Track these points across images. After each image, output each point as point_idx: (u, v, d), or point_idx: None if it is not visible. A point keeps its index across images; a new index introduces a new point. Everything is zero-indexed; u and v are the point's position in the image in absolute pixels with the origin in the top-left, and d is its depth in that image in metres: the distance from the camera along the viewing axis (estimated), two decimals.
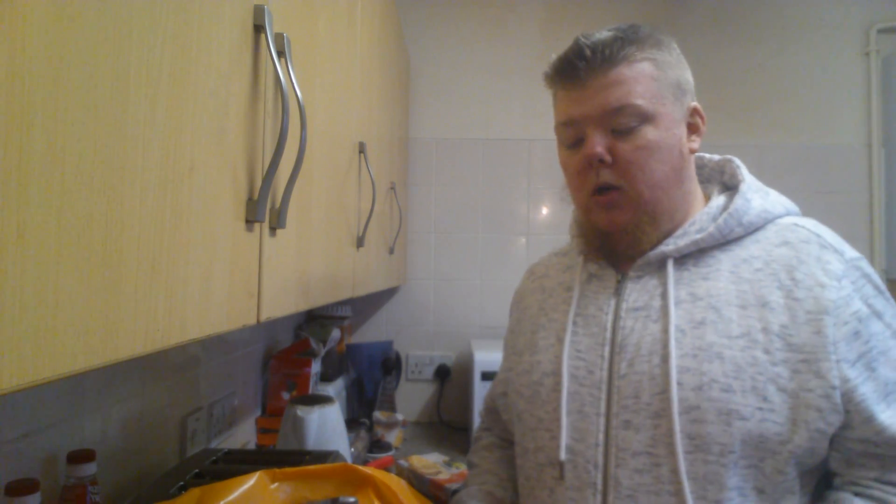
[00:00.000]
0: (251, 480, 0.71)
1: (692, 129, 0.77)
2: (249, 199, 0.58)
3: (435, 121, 2.22)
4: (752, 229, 0.76)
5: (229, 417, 1.42)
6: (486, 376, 1.76)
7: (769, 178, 2.18)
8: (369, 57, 1.25)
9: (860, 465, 0.70)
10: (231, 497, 0.68)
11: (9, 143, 0.28)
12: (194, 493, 0.69)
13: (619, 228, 0.76)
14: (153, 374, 1.08)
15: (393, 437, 1.79)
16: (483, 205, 2.21)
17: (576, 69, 0.73)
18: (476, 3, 2.23)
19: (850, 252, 0.73)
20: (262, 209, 0.59)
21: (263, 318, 0.62)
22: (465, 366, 2.12)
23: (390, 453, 1.70)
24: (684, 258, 0.76)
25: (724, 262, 0.74)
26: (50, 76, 0.30)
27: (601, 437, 0.73)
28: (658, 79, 0.73)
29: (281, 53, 0.61)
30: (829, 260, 0.71)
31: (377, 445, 1.72)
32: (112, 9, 0.36)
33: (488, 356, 1.78)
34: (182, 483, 0.85)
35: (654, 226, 0.76)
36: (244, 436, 1.53)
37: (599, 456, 0.73)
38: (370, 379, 1.99)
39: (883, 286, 0.73)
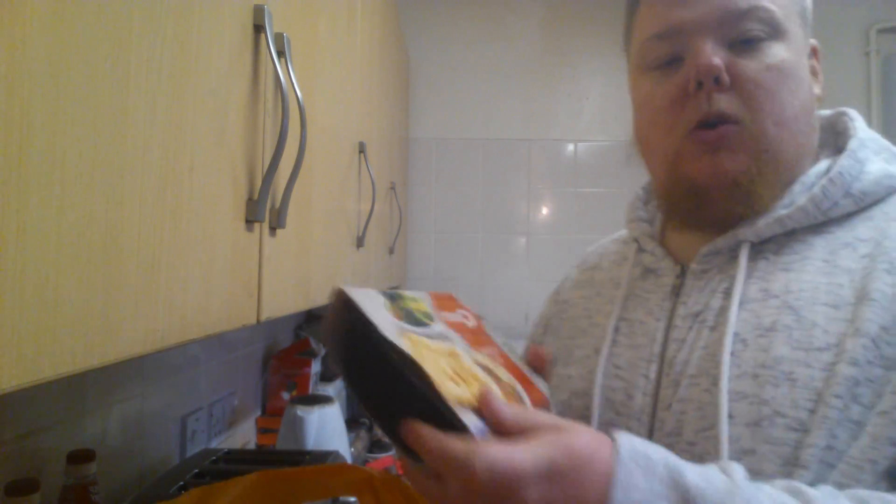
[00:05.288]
0: (251, 480, 0.71)
1: (813, 72, 0.60)
2: (249, 199, 0.58)
3: (435, 121, 2.22)
4: (867, 203, 0.54)
5: (229, 417, 1.42)
6: None
7: None
8: (369, 57, 1.25)
9: None
10: (231, 497, 0.68)
11: (9, 143, 0.28)
12: (194, 493, 0.69)
13: (729, 181, 0.54)
14: (153, 374, 1.08)
15: None
16: (483, 205, 2.21)
17: None
18: (476, 2, 2.23)
19: None
20: (262, 209, 0.59)
21: (263, 318, 0.62)
22: None
23: (390, 453, 1.70)
24: (764, 244, 0.56)
25: (817, 249, 0.53)
26: (50, 76, 0.30)
27: None
28: None
29: (281, 53, 0.61)
30: None
31: (377, 445, 1.72)
32: (112, 9, 0.35)
33: None
34: (182, 483, 0.85)
35: (775, 180, 0.55)
36: (244, 436, 1.53)
37: None
38: None
39: None
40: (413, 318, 0.46)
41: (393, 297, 0.47)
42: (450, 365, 0.43)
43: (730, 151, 0.54)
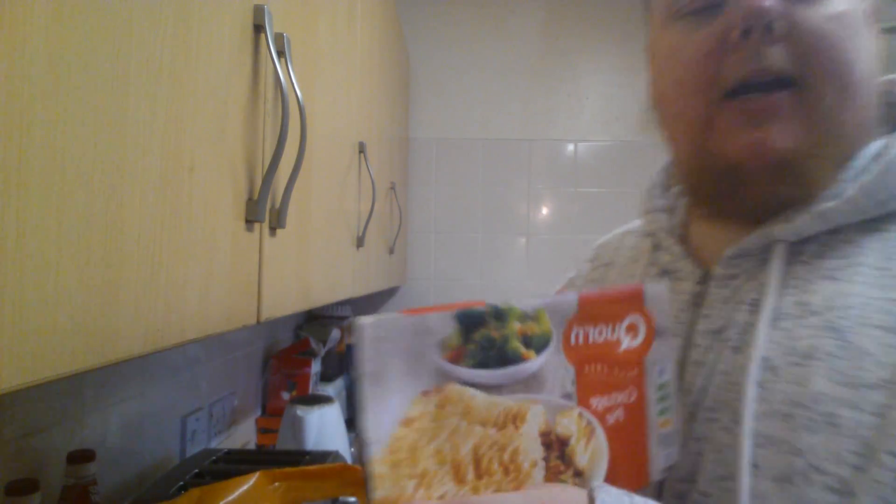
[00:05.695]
0: (251, 480, 0.72)
1: None
2: (249, 199, 0.58)
3: (435, 120, 2.22)
4: None
5: (229, 417, 1.42)
6: None
7: None
8: (369, 57, 1.25)
9: None
10: (231, 497, 0.68)
11: (9, 143, 0.28)
12: (194, 493, 0.69)
13: (776, 160, 0.43)
14: (153, 374, 1.08)
15: None
16: (483, 205, 2.21)
17: None
18: (476, 3, 2.23)
19: None
20: (262, 209, 0.59)
21: (263, 318, 0.62)
22: None
23: None
24: (803, 244, 0.45)
25: (868, 252, 0.43)
26: (50, 76, 0.30)
27: None
28: None
29: (281, 53, 0.61)
30: None
31: None
32: (112, 9, 0.36)
33: None
34: (182, 483, 0.85)
35: (832, 160, 0.44)
36: (244, 436, 1.53)
37: None
38: None
39: None
40: (494, 354, 0.36)
41: (496, 316, 0.36)
42: (476, 447, 0.35)
43: (780, 123, 0.43)
